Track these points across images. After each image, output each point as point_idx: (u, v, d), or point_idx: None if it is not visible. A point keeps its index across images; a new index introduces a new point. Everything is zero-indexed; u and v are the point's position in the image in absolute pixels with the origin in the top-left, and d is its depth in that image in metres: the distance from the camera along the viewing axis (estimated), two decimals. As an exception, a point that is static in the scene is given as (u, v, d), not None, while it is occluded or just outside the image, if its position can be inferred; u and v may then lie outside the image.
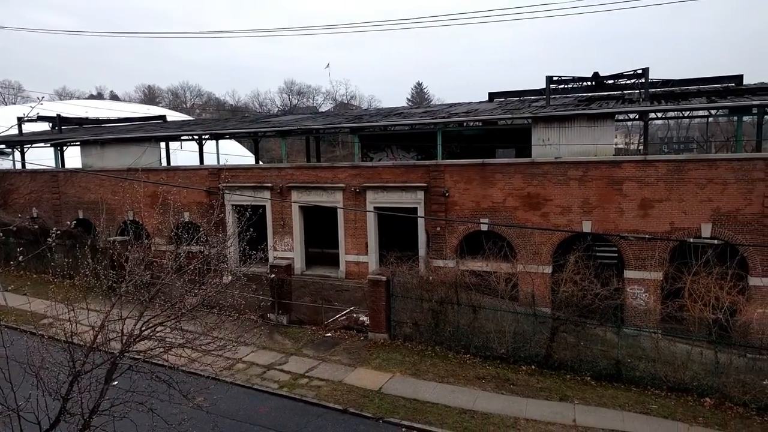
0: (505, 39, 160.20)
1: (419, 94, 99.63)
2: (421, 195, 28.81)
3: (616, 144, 55.92)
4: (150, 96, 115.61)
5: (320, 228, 34.09)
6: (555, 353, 20.27)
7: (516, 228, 26.40)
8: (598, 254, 26.45)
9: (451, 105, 40.65)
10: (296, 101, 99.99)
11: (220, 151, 37.86)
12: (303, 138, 48.55)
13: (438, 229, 28.58)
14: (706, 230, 23.57)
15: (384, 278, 23.15)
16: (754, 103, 24.62)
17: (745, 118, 30.64)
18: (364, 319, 24.50)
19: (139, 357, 11.40)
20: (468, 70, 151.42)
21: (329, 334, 24.09)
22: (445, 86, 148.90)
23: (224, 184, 32.76)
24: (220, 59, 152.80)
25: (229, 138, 47.61)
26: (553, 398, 18.05)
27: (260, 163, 50.06)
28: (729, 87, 31.10)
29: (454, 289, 22.36)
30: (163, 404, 11.40)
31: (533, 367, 20.32)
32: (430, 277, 23.90)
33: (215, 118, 75.07)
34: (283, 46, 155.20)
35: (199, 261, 12.06)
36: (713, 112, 30.12)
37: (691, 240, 23.58)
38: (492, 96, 37.94)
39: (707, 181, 23.53)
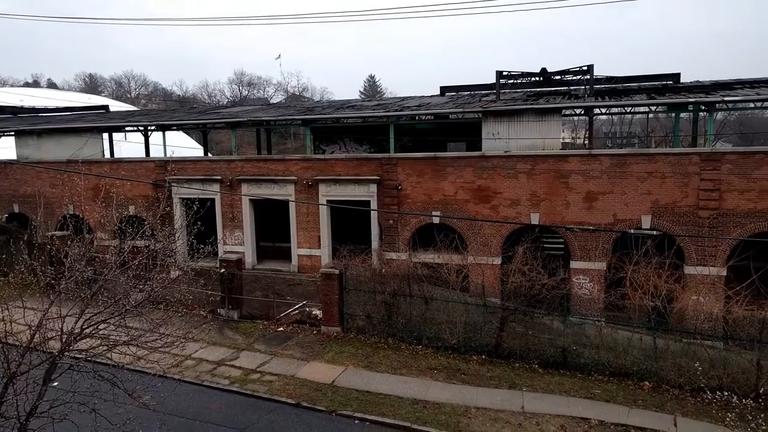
0: (456, 33, 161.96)
1: (372, 87, 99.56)
2: (373, 188, 28.84)
3: (563, 138, 57.65)
4: (91, 85, 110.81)
5: (272, 221, 33.63)
6: (504, 342, 20.75)
7: (467, 220, 26.84)
8: (545, 245, 27.20)
9: (403, 98, 40.81)
10: (246, 92, 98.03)
11: (167, 143, 36.69)
12: (254, 130, 47.69)
13: (391, 221, 28.71)
14: (646, 222, 24.61)
15: (337, 271, 23.08)
16: (690, 100, 25.82)
17: (682, 115, 32.15)
18: (317, 312, 24.39)
19: (80, 356, 10.95)
20: (420, 64, 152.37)
21: (281, 329, 23.85)
22: (397, 79, 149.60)
23: (171, 177, 31.81)
24: (167, 48, 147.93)
25: (177, 129, 46.20)
26: (503, 386, 18.49)
27: (209, 155, 48.89)
28: (667, 84, 32.49)
29: (406, 282, 22.54)
30: (107, 404, 11.00)
31: (484, 356, 20.75)
32: (383, 270, 24.01)
33: (162, 109, 72.73)
34: (233, 36, 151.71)
35: (145, 256, 11.67)
36: (653, 108, 31.41)
37: (632, 231, 24.59)
38: (443, 90, 38.31)
39: (647, 175, 24.55)
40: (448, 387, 18.46)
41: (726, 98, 25.23)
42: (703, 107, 26.54)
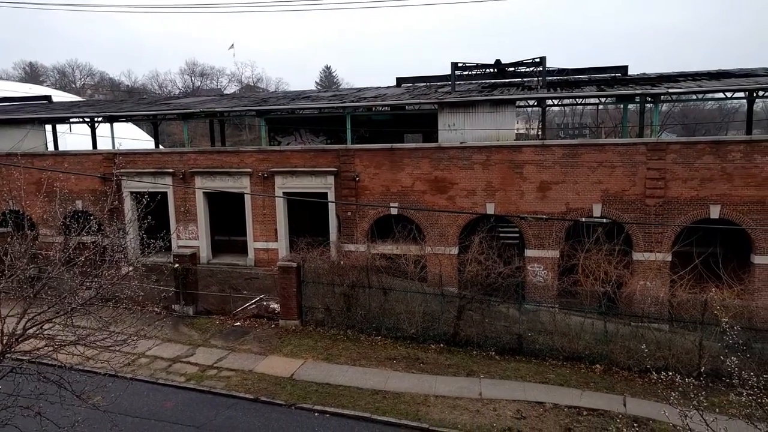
0: (412, 25, 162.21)
1: (328, 78, 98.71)
2: (331, 180, 28.64)
3: (517, 129, 58.66)
4: (32, 74, 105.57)
5: (227, 215, 32.99)
6: (462, 331, 21.06)
7: (424, 211, 27.02)
8: (501, 235, 27.69)
9: (359, 89, 40.62)
10: (199, 83, 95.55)
11: (116, 135, 35.36)
12: (207, 121, 46.52)
13: (349, 213, 28.60)
14: (597, 210, 25.36)
15: (294, 264, 22.86)
16: (637, 92, 26.67)
17: (630, 106, 33.19)
18: (275, 306, 24.13)
19: (24, 358, 10.47)
20: (376, 56, 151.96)
21: (239, 324, 23.49)
22: (353, 71, 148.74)
23: (121, 170, 30.73)
24: (114, 37, 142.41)
25: (126, 121, 44.61)
26: (461, 374, 18.77)
27: (161, 147, 47.48)
28: (616, 77, 33.45)
29: (365, 273, 22.54)
30: (54, 407, 10.58)
31: (442, 345, 21.00)
32: (342, 262, 23.96)
33: (109, 100, 70.07)
34: (184, 24, 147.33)
35: (92, 252, 11.23)
36: (603, 99, 32.30)
37: (584, 219, 25.32)
38: (400, 81, 38.32)
39: (597, 165, 25.26)
40: (408, 376, 18.61)
41: (670, 90, 26.18)
42: (649, 99, 27.45)
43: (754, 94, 29.69)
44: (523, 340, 20.48)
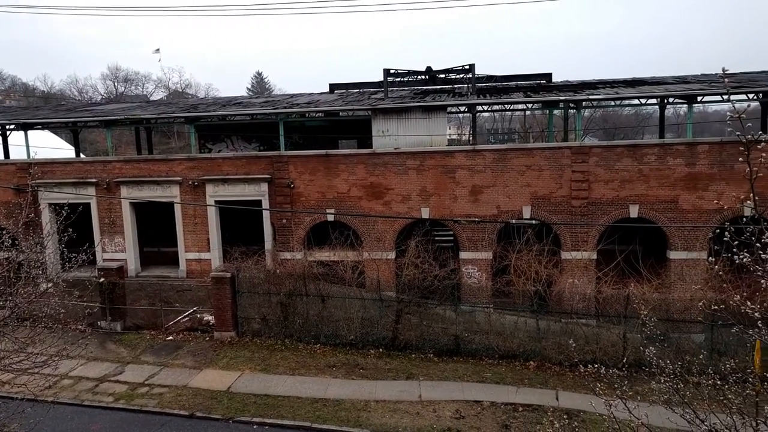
0: (344, 32, 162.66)
1: (260, 84, 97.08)
2: (265, 187, 28.16)
3: (449, 135, 59.90)
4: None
5: (156, 225, 31.70)
6: (401, 335, 21.22)
7: (360, 217, 27.07)
8: (436, 238, 28.15)
9: (292, 95, 40.25)
10: (123, 89, 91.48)
11: (31, 144, 33.19)
12: (132, 129, 44.61)
13: (284, 221, 28.22)
14: (527, 212, 26.29)
15: (228, 274, 22.29)
16: (561, 98, 27.94)
17: (555, 112, 34.63)
18: (210, 318, 23.41)
19: (-71, 386, 9.61)
20: (309, 62, 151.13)
21: (171, 338, 22.61)
22: (286, 77, 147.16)
23: (37, 181, 28.91)
24: (27, 41, 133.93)
25: (42, 128, 42.06)
26: (401, 378, 18.90)
27: (82, 156, 45.05)
28: (541, 83, 34.90)
29: (302, 281, 22.31)
30: (-34, 437, 9.78)
31: (381, 350, 21.07)
32: (278, 270, 23.58)
33: (23, 106, 65.80)
34: (106, 28, 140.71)
35: (5, 268, 10.47)
36: (530, 105, 33.59)
37: (514, 221, 26.17)
38: (333, 87, 38.28)
39: (526, 168, 26.21)
40: (348, 383, 18.53)
41: (591, 96, 27.60)
42: (572, 105, 28.81)
43: (665, 101, 31.79)
44: (460, 341, 20.89)
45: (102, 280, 22.92)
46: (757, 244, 4.15)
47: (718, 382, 6.40)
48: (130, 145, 58.34)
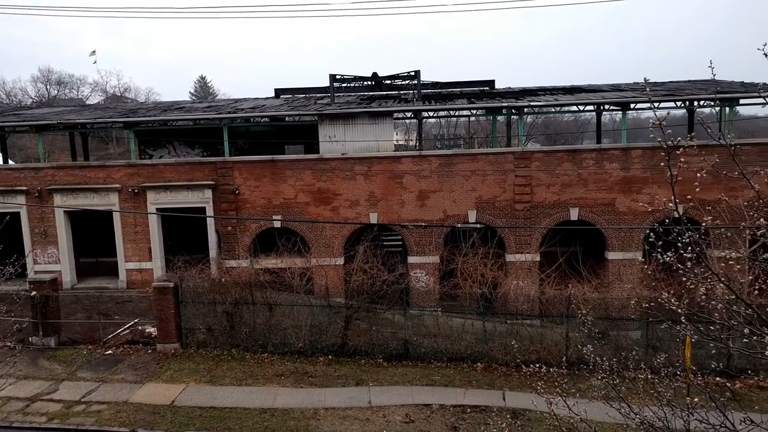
0: (290, 37, 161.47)
1: (203, 89, 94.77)
2: (209, 193, 27.50)
3: (397, 140, 60.33)
4: None
5: (94, 235, 30.38)
6: (350, 340, 21.14)
7: (308, 223, 26.85)
8: (385, 243, 28.27)
9: (237, 100, 39.56)
10: (57, 92, 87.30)
11: (-47, 150, 31.24)
12: (67, 134, 42.64)
13: (229, 228, 27.64)
14: (472, 216, 26.79)
15: (171, 284, 21.60)
16: (504, 104, 28.70)
17: (499, 118, 35.53)
18: (152, 330, 22.59)
19: None
20: (253, 67, 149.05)
21: (110, 352, 21.66)
22: (230, 81, 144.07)
23: (-39, 189, 27.17)
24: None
25: (-33, 133, 39.55)
26: (350, 384, 18.82)
27: (11, 163, 42.64)
28: (485, 90, 35.72)
29: (248, 289, 21.89)
30: None
31: (331, 356, 20.92)
32: (223, 279, 23.03)
33: (-55, 110, 61.65)
34: (35, 28, 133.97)
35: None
36: (474, 111, 34.33)
37: (460, 225, 26.63)
38: (278, 92, 37.88)
39: (471, 173, 26.72)
40: (297, 391, 18.29)
41: (532, 103, 28.47)
42: (515, 111, 29.63)
43: (602, 108, 33.20)
44: (410, 345, 21.01)
45: (33, 293, 21.71)
46: (679, 244, 4.38)
47: (650, 376, 6.71)
48: (65, 151, 55.67)
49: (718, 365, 8.06)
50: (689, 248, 4.24)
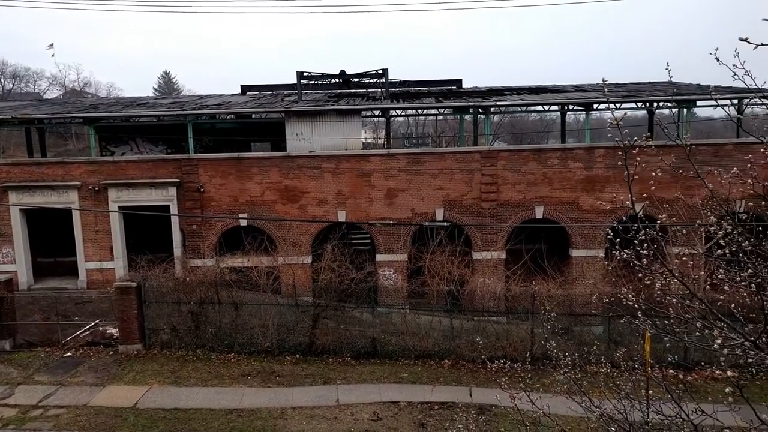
0: (255, 33, 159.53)
1: (167, 84, 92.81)
2: (173, 191, 26.96)
3: (365, 139, 60.21)
4: None
5: (52, 234, 29.42)
6: (318, 339, 21.05)
7: (275, 221, 26.59)
8: (353, 241, 28.22)
9: (202, 96, 38.89)
10: (12, 86, 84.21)
11: None
12: (22, 130, 41.17)
13: (194, 226, 27.15)
14: (440, 214, 26.98)
15: (134, 284, 21.12)
16: (470, 104, 28.97)
17: (466, 117, 35.85)
18: (113, 331, 22.05)
19: None
20: (219, 63, 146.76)
21: (69, 354, 21.04)
22: (195, 77, 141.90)
23: None
24: None
25: None
26: (318, 383, 18.74)
27: (-36, 159, 40.97)
28: (452, 89, 36.00)
29: (214, 288, 21.57)
30: None
31: (298, 355, 20.79)
32: (188, 278, 22.62)
33: None
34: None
35: None
36: (441, 110, 34.54)
37: (427, 223, 26.80)
38: (245, 89, 37.38)
39: (439, 172, 26.90)
40: (263, 391, 18.12)
41: (498, 102, 28.83)
42: (481, 110, 29.95)
43: (566, 108, 33.85)
44: (377, 343, 21.04)
45: (-12, 294, 20.94)
46: (635, 241, 4.50)
47: (609, 370, 6.90)
48: (20, 147, 53.76)
49: (674, 358, 8.31)
50: (645, 245, 4.36)
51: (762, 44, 3.18)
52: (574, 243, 26.85)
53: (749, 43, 3.26)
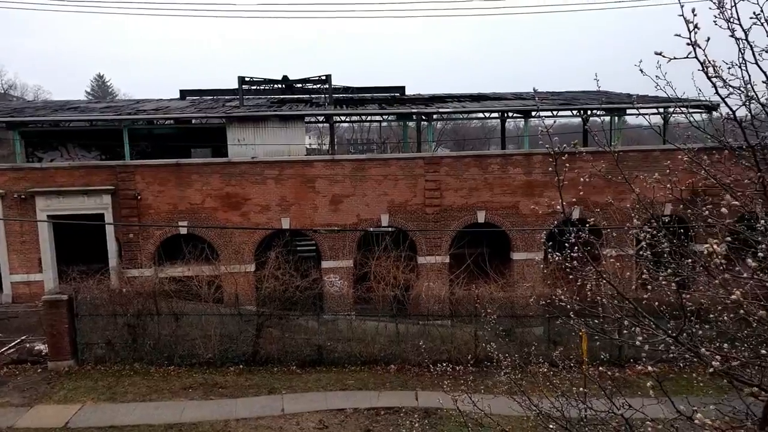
0: (195, 37, 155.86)
1: (101, 88, 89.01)
2: (108, 199, 25.84)
3: (309, 145, 59.75)
4: None
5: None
6: (262, 349, 20.68)
7: (217, 229, 25.96)
8: (298, 248, 27.92)
9: (138, 101, 37.52)
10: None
11: None
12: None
13: (131, 235, 26.12)
14: (385, 220, 27.11)
15: (65, 297, 20.09)
16: (413, 111, 29.33)
17: (410, 124, 36.23)
18: (42, 347, 20.85)
19: None
20: (157, 66, 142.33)
21: (-7, 374, 19.74)
22: (132, 81, 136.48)
23: None
24: None
25: None
26: (262, 393, 18.40)
27: None
28: (395, 96, 36.30)
29: (152, 299, 20.83)
30: None
31: (242, 366, 20.34)
32: (125, 290, 21.75)
33: None
34: None
35: None
36: (385, 117, 34.80)
37: (372, 229, 26.87)
38: (184, 94, 36.34)
39: (383, 178, 27.05)
40: (206, 404, 17.60)
41: (441, 110, 29.35)
42: (424, 117, 30.37)
43: (505, 115, 34.83)
44: (323, 350, 20.88)
45: None
46: (566, 244, 4.68)
47: (547, 370, 7.12)
48: (-62, 153, 50.09)
49: (608, 356, 8.69)
50: (575, 248, 4.54)
51: (675, 57, 3.38)
52: (514, 246, 27.58)
53: (663, 56, 3.47)
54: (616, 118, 29.66)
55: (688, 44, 2.98)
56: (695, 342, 3.89)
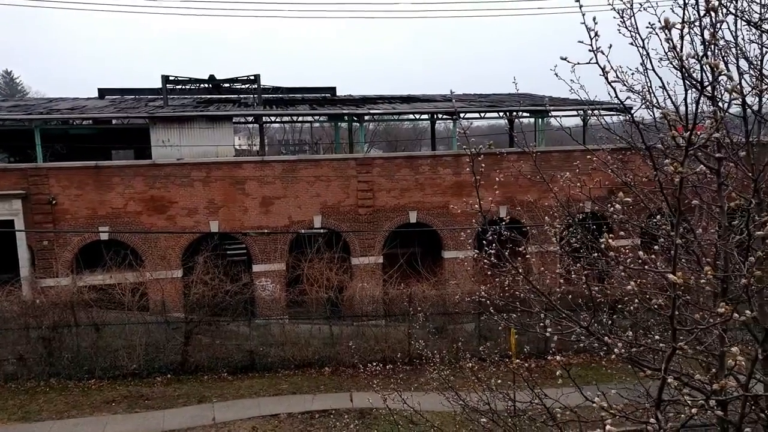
0: (115, 32, 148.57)
1: (9, 86, 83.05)
2: (18, 204, 24.10)
3: (239, 146, 58.43)
4: None
5: None
6: (191, 357, 20.02)
7: (140, 233, 24.85)
8: (228, 252, 27.19)
9: (51, 100, 35.32)
10: None
11: None
12: None
13: (46, 243, 24.49)
14: (318, 221, 26.90)
15: (-30, 310, 18.59)
16: (344, 112, 29.32)
17: (341, 125, 36.21)
18: (-56, 366, 19.21)
19: None
20: (74, 63, 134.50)
21: None
22: (45, 79, 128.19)
23: None
24: None
25: None
26: (192, 402, 17.80)
27: None
28: (326, 97, 36.15)
29: (70, 310, 19.71)
30: None
31: (170, 376, 19.61)
32: (38, 300, 20.42)
33: None
34: None
35: None
36: (317, 118, 34.57)
37: (304, 231, 26.60)
38: (103, 92, 34.55)
39: (315, 179, 26.83)
40: (130, 417, 16.82)
41: (372, 111, 29.48)
42: (355, 118, 30.41)
43: (435, 116, 35.48)
44: (256, 355, 20.47)
45: None
46: (483, 242, 4.82)
47: (474, 365, 7.31)
48: None
49: (536, 348, 9.03)
50: (493, 245, 4.68)
51: (578, 63, 3.56)
52: (445, 245, 28.12)
53: (568, 61, 3.65)
54: (540, 119, 30.88)
55: (590, 50, 3.14)
56: (605, 331, 4.11)
